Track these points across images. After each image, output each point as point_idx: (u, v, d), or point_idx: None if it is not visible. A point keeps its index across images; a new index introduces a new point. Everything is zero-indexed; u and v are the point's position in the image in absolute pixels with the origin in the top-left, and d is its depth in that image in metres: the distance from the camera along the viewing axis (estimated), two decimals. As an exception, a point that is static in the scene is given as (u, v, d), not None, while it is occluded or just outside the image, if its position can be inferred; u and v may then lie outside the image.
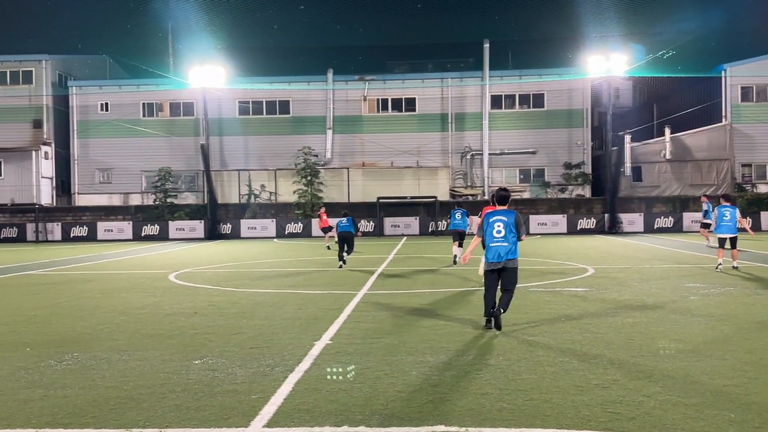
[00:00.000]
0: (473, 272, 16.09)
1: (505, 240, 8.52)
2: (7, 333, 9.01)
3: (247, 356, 7.35)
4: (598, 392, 5.79)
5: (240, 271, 17.54)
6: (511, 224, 8.54)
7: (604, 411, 5.28)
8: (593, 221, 36.92)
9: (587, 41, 41.91)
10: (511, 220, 8.57)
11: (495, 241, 8.56)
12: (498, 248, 8.53)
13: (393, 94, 42.67)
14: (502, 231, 8.54)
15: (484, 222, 8.75)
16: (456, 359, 7.03)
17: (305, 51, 51.59)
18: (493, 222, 8.61)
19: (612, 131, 37.93)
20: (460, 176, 42.36)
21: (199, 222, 38.08)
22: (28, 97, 42.35)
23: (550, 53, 47.56)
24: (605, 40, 41.28)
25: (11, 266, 20.55)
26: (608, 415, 5.18)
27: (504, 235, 8.53)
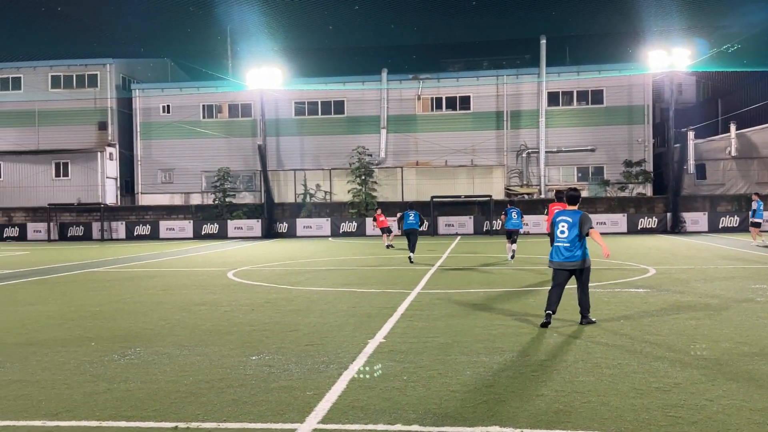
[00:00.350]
0: (528, 271, 15.89)
1: (568, 240, 8.61)
2: (73, 328, 9.36)
3: (303, 353, 7.44)
4: (658, 395, 5.64)
5: (295, 269, 17.78)
6: (576, 225, 8.58)
7: (664, 415, 5.14)
8: (655, 220, 35.91)
9: (648, 35, 40.82)
10: (575, 221, 8.59)
11: (558, 240, 8.71)
12: (560, 248, 8.69)
13: (447, 92, 42.49)
14: (566, 231, 8.65)
15: (553, 221, 8.91)
16: (511, 360, 6.96)
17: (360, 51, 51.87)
18: (558, 222, 8.76)
19: (674, 128, 36.80)
20: (516, 175, 41.87)
21: (256, 221, 38.76)
22: (94, 99, 43.96)
23: (610, 48, 46.53)
24: (667, 34, 40.08)
25: (78, 263, 21.36)
26: (669, 419, 5.03)
27: (567, 235, 8.62)
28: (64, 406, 5.59)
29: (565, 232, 8.60)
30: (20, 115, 44.48)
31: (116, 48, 48.95)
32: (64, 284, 15.23)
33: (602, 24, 50.38)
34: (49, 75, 44.52)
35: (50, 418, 5.25)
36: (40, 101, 44.09)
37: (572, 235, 8.57)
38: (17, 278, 16.72)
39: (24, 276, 17.29)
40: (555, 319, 9.34)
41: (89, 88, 44.15)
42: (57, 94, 44.12)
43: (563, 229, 8.64)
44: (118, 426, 5.05)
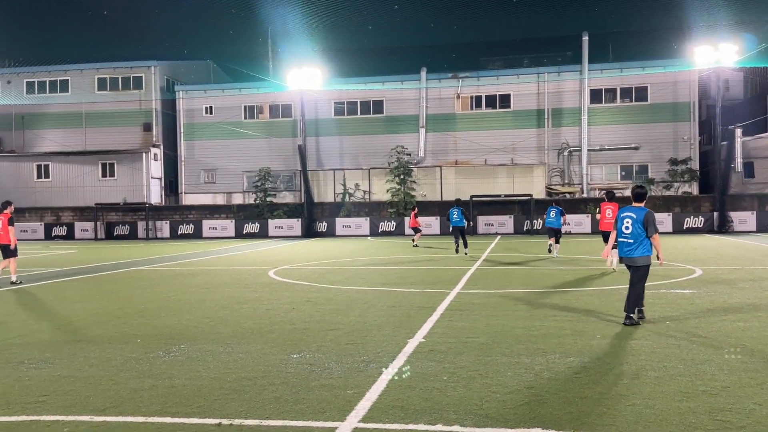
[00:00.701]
0: (569, 271, 15.68)
1: (632, 237, 8.79)
2: (119, 325, 9.59)
3: (343, 352, 7.48)
4: (705, 399, 5.51)
5: (335, 269, 17.88)
6: (640, 221, 8.74)
7: (711, 419, 5.01)
8: (701, 220, 35.06)
9: (694, 31, 39.82)
10: (640, 218, 8.77)
11: (622, 236, 8.92)
12: (623, 244, 8.88)
13: (487, 90, 42.19)
14: (630, 228, 8.84)
15: (617, 217, 9.13)
16: (553, 361, 6.87)
17: (399, 50, 51.89)
18: (623, 218, 8.96)
19: (721, 125, 35.86)
20: (557, 173, 41.35)
21: (296, 220, 39.10)
22: (139, 101, 44.92)
23: (654, 44, 45.57)
24: (713, 30, 39.06)
25: (124, 262, 21.86)
26: (716, 423, 4.91)
27: (631, 231, 8.79)
28: (110, 401, 5.73)
29: (629, 228, 8.79)
30: (68, 117, 45.71)
31: (160, 50, 49.93)
32: (111, 282, 15.60)
33: (646, 20, 49.42)
34: (96, 77, 45.65)
35: (97, 414, 5.38)
36: (87, 103, 45.23)
37: (635, 231, 8.74)
38: (66, 276, 17.19)
39: (72, 274, 17.78)
40: (599, 319, 9.20)
41: (134, 90, 45.15)
42: (103, 96, 45.21)
43: (627, 225, 8.84)
44: (163, 422, 5.16)
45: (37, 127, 45.92)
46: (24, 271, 18.37)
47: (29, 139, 46.11)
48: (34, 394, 6.00)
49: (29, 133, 46.07)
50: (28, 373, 6.78)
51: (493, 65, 49.08)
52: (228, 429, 4.97)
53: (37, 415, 5.38)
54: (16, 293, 13.68)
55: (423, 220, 37.70)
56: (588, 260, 19.01)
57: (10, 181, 44.68)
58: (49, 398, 5.85)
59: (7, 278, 15.68)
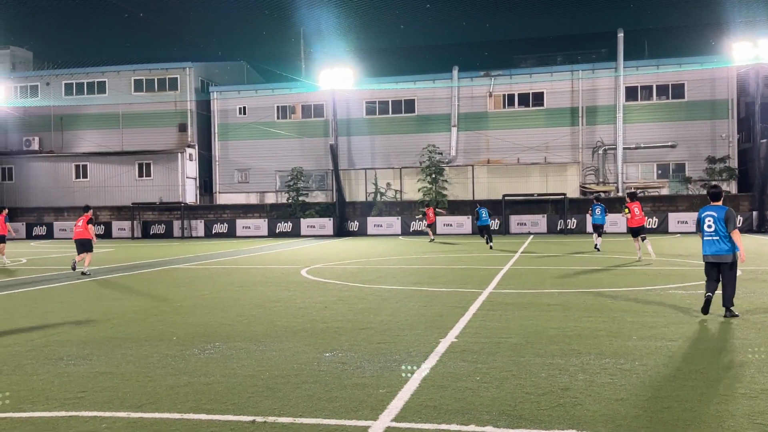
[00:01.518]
0: (604, 272, 15.47)
1: (716, 234, 9.20)
2: (156, 323, 9.74)
3: (375, 351, 7.49)
4: (744, 402, 5.38)
5: (367, 268, 17.91)
6: (721, 219, 9.15)
7: (751, 422, 4.90)
8: (740, 219, 34.27)
9: (732, 27, 38.95)
10: (721, 215, 9.17)
11: (706, 235, 9.31)
12: (708, 242, 9.29)
13: (520, 88, 41.84)
14: (712, 225, 9.26)
15: (699, 217, 9.57)
16: (588, 362, 6.79)
17: (430, 49, 51.78)
18: (704, 217, 9.39)
19: (761, 123, 35.00)
20: (592, 172, 40.83)
21: (328, 219, 39.29)
22: (174, 102, 45.57)
23: (691, 41, 44.73)
24: (752, 25, 38.14)
25: (159, 260, 22.21)
26: (756, 427, 4.79)
27: (714, 229, 9.22)
28: (147, 398, 5.82)
29: (712, 226, 9.23)
30: (105, 118, 46.59)
31: (195, 52, 50.64)
32: (147, 280, 15.86)
33: (682, 16, 48.54)
34: (132, 79, 46.44)
35: (134, 410, 5.47)
36: (124, 104, 46.04)
37: (719, 228, 9.17)
38: (104, 274, 17.53)
39: (110, 272, 18.12)
40: (635, 320, 9.06)
41: (170, 91, 45.81)
42: (139, 97, 45.97)
43: (710, 223, 9.26)
44: (198, 419, 5.22)
45: (76, 127, 46.89)
46: (63, 269, 18.77)
47: (68, 140, 47.12)
48: (73, 390, 6.13)
49: (68, 134, 47.08)
50: (67, 369, 6.93)
51: (526, 63, 48.68)
52: (262, 426, 5.02)
53: (75, 410, 5.50)
54: (53, 291, 14.00)
55: (454, 220, 37.60)
56: (623, 260, 18.73)
57: (49, 180, 45.77)
58: (88, 394, 5.97)
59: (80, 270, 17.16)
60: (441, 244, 28.54)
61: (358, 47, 48.02)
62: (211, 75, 47.80)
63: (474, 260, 19.64)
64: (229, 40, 62.05)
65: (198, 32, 58.01)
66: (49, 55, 56.80)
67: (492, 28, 53.67)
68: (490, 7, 47.97)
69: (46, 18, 53.29)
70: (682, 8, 46.72)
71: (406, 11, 45.75)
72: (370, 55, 46.29)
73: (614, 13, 47.91)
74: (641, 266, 16.83)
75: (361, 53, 44.96)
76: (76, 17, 60.73)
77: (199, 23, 55.35)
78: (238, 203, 43.93)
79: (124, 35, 68.02)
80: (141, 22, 51.87)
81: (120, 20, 54.20)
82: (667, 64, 39.91)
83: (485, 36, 53.10)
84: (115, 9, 48.63)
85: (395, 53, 51.10)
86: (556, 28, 53.88)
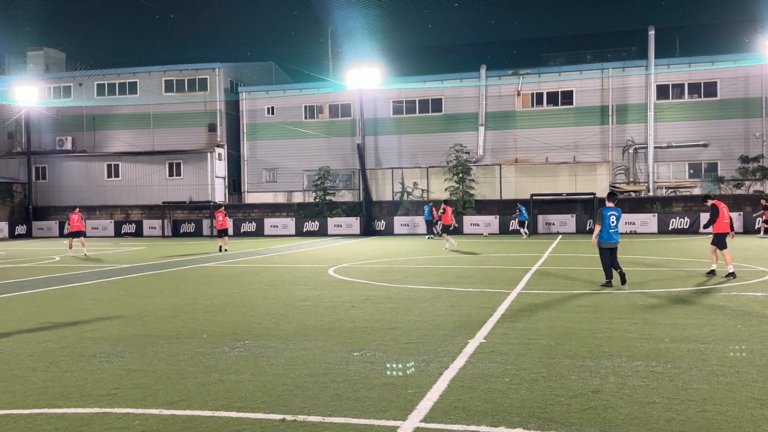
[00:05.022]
0: (634, 273, 15.26)
1: (616, 227, 12.58)
2: (187, 321, 9.86)
3: (403, 351, 7.48)
4: (782, 408, 5.26)
5: (394, 267, 17.91)
6: (619, 217, 12.64)
7: (790, 429, 4.79)
8: (774, 219, 33.49)
9: (766, 24, 38.13)
10: (619, 214, 12.67)
11: (612, 228, 12.59)
12: (614, 233, 12.64)
13: (548, 87, 41.46)
14: (615, 221, 12.57)
15: (605, 214, 12.52)
16: (619, 365, 6.70)
17: (458, 48, 51.56)
18: (609, 215, 12.54)
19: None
20: (622, 171, 40.29)
21: (355, 219, 39.36)
22: (204, 102, 46.04)
23: (723, 38, 43.92)
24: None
25: (190, 259, 22.46)
26: (796, 435, 4.68)
27: (616, 224, 12.67)
28: (179, 395, 5.89)
29: (615, 221, 11.15)
30: (137, 118, 47.25)
31: (224, 52, 51.12)
32: (178, 279, 16.06)
33: (715, 13, 47.67)
34: (163, 79, 47.01)
35: (166, 407, 5.54)
36: (155, 104, 46.65)
37: (618, 223, 11.65)
38: (135, 272, 17.79)
39: (141, 270, 18.38)
40: (666, 322, 8.92)
41: (199, 92, 46.28)
42: (170, 97, 46.52)
43: (614, 219, 11.54)
44: (229, 416, 5.27)
45: (108, 128, 47.64)
46: (96, 267, 19.09)
47: (100, 140, 47.88)
48: (107, 386, 6.22)
49: (100, 134, 47.85)
50: (100, 366, 7.04)
51: (554, 61, 48.23)
52: (291, 425, 5.04)
53: (109, 407, 5.58)
54: (86, 288, 14.24)
55: (481, 219, 37.39)
56: (653, 261, 18.46)
57: (82, 180, 46.56)
58: (120, 391, 6.06)
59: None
60: (470, 244, 28.40)
61: (386, 47, 48.02)
62: (240, 75, 48.20)
63: (502, 260, 19.52)
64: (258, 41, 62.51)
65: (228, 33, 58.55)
66: (81, 56, 57.79)
67: (520, 26, 53.24)
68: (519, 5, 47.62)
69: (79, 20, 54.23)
70: (715, 5, 45.85)
71: (434, 10, 45.60)
72: (398, 55, 46.27)
73: (645, 11, 47.22)
74: (674, 268, 16.57)
75: (388, 53, 44.99)
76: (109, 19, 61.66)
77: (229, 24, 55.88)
78: (266, 202, 44.24)
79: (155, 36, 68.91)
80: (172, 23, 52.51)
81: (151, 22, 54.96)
82: (700, 62, 39.24)
83: (514, 34, 52.69)
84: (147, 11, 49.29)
85: (422, 52, 50.99)
86: (586, 26, 53.28)
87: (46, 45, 52.72)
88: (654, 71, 39.20)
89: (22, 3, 45.12)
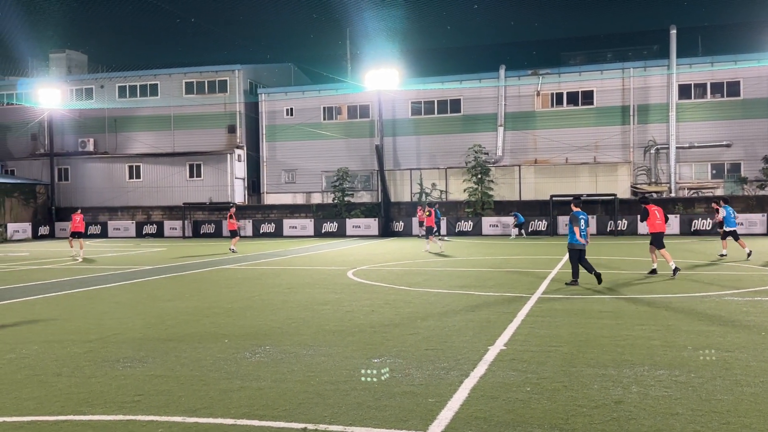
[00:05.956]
0: (657, 278, 15.12)
1: (586, 230, 13.72)
2: (207, 324, 9.93)
3: (423, 358, 7.48)
4: (809, 421, 5.19)
5: (412, 270, 17.90)
6: (587, 221, 13.54)
7: (817, 444, 4.72)
8: (799, 221, 33.01)
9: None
10: (587, 218, 13.34)
11: (583, 231, 13.42)
12: (584, 235, 13.27)
13: (568, 87, 41.20)
14: (583, 225, 13.64)
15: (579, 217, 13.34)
16: (642, 374, 6.64)
17: (477, 49, 51.39)
18: (581, 218, 13.43)
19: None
20: (643, 172, 39.93)
21: (373, 220, 39.40)
22: (224, 104, 46.36)
23: (747, 37, 43.30)
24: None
25: (210, 260, 22.62)
26: (823, 449, 4.62)
27: (584, 227, 13.66)
28: (201, 402, 5.94)
29: (584, 225, 12.00)
30: (157, 120, 47.72)
31: (244, 54, 51.40)
32: (199, 281, 16.18)
33: (738, 12, 47.04)
34: (183, 81, 47.41)
35: (189, 414, 5.59)
36: (175, 106, 47.08)
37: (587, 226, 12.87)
38: (157, 274, 17.95)
39: (162, 272, 18.55)
40: (689, 329, 8.83)
41: (219, 93, 46.61)
42: (190, 99, 46.92)
43: (584, 223, 12.51)
44: (251, 425, 5.31)
45: (129, 129, 48.15)
46: (117, 269, 19.30)
47: (121, 142, 48.41)
48: (130, 393, 6.29)
49: (121, 136, 48.37)
50: (123, 372, 7.12)
51: (575, 61, 47.95)
52: (313, 434, 5.07)
53: (133, 414, 5.65)
54: (109, 291, 14.40)
55: (501, 221, 37.24)
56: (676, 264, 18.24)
57: (104, 181, 47.13)
58: (144, 398, 6.12)
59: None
60: (490, 246, 28.30)
61: (404, 48, 47.98)
62: (259, 77, 48.46)
63: (521, 263, 19.43)
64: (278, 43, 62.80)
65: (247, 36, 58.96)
66: (103, 58, 58.51)
67: (540, 27, 52.98)
68: (539, 6, 47.37)
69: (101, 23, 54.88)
70: (737, 4, 45.28)
71: (453, 12, 45.52)
72: (416, 56, 46.22)
73: (666, 10, 46.73)
74: (696, 272, 16.39)
75: (407, 54, 44.99)
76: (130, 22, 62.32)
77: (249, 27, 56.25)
78: (285, 203, 44.44)
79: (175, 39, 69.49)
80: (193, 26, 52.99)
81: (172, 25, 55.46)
82: (723, 61, 38.76)
83: (533, 35, 52.45)
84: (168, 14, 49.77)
85: (441, 53, 50.88)
86: (606, 26, 52.91)
87: (68, 48, 53.43)
88: (676, 71, 38.81)
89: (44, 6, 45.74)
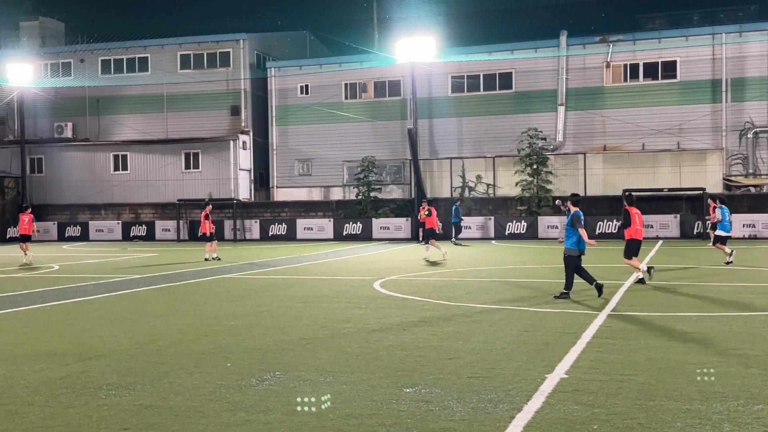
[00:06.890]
0: (755, 289, 14.90)
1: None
2: (207, 345, 10.05)
3: (465, 387, 7.47)
4: None
5: (452, 280, 17.88)
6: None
7: None
8: None
9: None
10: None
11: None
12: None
13: (645, 57, 40.77)
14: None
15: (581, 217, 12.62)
16: (736, 409, 6.56)
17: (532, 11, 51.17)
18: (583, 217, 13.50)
19: None
20: (739, 161, 39.32)
21: (405, 220, 39.43)
22: (225, 81, 46.77)
23: None
24: None
25: (210, 268, 22.86)
26: None
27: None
28: (199, 438, 6.01)
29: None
30: (147, 100, 48.31)
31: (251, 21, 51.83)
32: (196, 293, 16.37)
33: None
34: (178, 54, 47.95)
35: (185, 452, 5.66)
36: (169, 84, 47.56)
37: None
38: (147, 285, 18.21)
39: (154, 282, 18.80)
40: (794, 355, 8.69)
41: (221, 68, 47.01)
42: (186, 75, 47.41)
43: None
44: (257, 466, 5.35)
45: (114, 112, 48.82)
46: (100, 278, 19.61)
47: (105, 126, 49.14)
48: (115, 426, 6.39)
49: (105, 119, 49.10)
50: (107, 401, 7.24)
51: (653, 25, 47.52)
52: (332, 479, 5.09)
53: (118, 451, 5.73)
54: (90, 305, 14.63)
55: (563, 221, 36.95)
56: None
57: (84, 173, 47.67)
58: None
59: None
60: (546, 251, 28.15)
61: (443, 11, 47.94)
62: (268, 48, 48.79)
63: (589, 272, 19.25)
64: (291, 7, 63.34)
65: None
66: (83, 27, 59.40)
67: (610, -18, 52.65)
68: (608, -44, 47.11)
69: (81, -16, 55.90)
70: None
71: (502, -35, 45.47)
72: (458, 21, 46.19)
73: (767, -40, 46.11)
74: (803, 283, 16.11)
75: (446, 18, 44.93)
76: (114, -17, 63.37)
77: (255, -14, 56.83)
78: (299, 200, 44.69)
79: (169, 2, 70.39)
80: (188, -14, 53.63)
81: (164, -15, 56.24)
82: (839, 22, 38.01)
83: (602, -8, 52.14)
84: (159, -28, 50.42)
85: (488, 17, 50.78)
86: (692, -20, 52.34)
87: (42, 14, 54.24)
88: (779, 36, 38.17)
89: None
